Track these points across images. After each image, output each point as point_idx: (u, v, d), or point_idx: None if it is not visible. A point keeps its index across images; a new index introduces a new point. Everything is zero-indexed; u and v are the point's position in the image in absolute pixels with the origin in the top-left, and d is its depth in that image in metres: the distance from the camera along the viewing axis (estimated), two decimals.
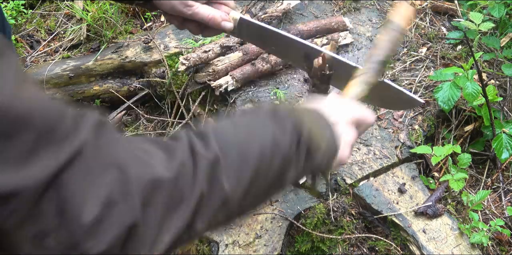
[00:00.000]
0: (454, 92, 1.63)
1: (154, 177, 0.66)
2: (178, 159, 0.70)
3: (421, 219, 1.50)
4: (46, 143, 0.58)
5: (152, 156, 0.69)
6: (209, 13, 1.18)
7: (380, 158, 1.61)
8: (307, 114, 0.91)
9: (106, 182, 0.61)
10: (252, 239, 1.46)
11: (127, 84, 2.04)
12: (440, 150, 1.54)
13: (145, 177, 0.65)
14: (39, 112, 0.58)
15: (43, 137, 0.58)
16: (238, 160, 0.77)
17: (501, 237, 1.51)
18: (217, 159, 0.73)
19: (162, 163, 0.68)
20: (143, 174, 0.65)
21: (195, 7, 1.16)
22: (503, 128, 1.67)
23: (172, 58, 1.92)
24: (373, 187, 1.55)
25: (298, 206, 1.51)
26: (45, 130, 0.58)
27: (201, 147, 0.73)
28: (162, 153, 0.70)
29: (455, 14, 2.04)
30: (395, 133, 1.68)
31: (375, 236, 1.51)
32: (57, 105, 0.62)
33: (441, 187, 1.59)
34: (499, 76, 1.83)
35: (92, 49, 2.15)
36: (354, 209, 1.55)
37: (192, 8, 1.16)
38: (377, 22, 1.97)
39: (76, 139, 0.60)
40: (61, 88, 2.05)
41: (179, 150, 0.72)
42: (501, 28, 1.93)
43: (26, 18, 2.32)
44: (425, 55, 1.89)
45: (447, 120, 1.79)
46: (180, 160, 0.70)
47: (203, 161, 0.72)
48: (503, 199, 1.66)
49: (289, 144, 0.83)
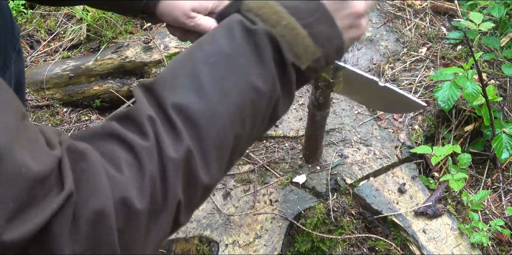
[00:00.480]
0: (454, 91, 1.63)
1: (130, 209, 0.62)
2: (148, 172, 0.64)
3: (421, 219, 1.50)
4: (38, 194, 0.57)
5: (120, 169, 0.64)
6: (211, 25, 1.18)
7: (380, 158, 1.61)
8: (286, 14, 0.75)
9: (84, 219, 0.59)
10: (252, 239, 1.46)
11: (127, 84, 2.04)
12: (440, 150, 1.54)
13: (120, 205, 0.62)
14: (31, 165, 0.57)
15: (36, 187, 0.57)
16: (214, 140, 0.69)
17: (501, 237, 1.51)
18: (190, 153, 0.67)
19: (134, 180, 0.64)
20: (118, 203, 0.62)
21: (197, 19, 1.17)
22: (503, 128, 1.67)
23: (172, 58, 1.92)
24: (373, 187, 1.55)
25: (298, 206, 1.52)
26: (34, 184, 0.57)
27: (171, 147, 0.66)
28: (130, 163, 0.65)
29: (455, 14, 2.04)
30: (395, 133, 1.68)
31: (375, 236, 1.51)
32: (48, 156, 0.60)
33: (441, 187, 1.59)
34: (499, 76, 1.83)
35: (92, 49, 2.15)
36: (354, 209, 1.55)
37: (194, 20, 1.17)
38: (377, 22, 1.97)
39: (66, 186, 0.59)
40: (61, 88, 2.05)
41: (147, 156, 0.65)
42: (501, 28, 1.93)
43: (26, 18, 2.32)
44: (425, 55, 1.89)
45: (447, 120, 1.80)
46: (150, 171, 0.64)
47: (172, 166, 0.66)
48: (503, 199, 1.66)
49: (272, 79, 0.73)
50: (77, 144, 0.64)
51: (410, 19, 2.00)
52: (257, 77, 0.72)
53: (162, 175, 0.65)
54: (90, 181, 0.61)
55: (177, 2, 1.15)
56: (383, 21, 1.98)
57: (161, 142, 0.66)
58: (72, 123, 1.99)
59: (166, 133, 0.67)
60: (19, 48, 1.24)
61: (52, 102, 2.03)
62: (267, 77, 0.72)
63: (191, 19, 1.16)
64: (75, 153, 0.63)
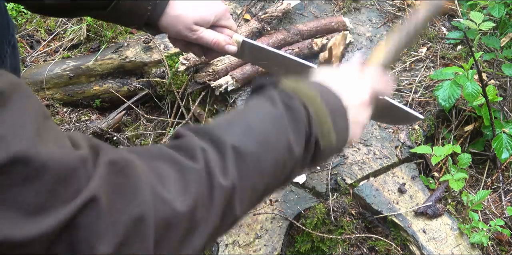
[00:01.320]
0: (454, 90, 1.63)
1: (170, 214, 0.65)
2: (194, 190, 0.69)
3: (421, 219, 1.50)
4: (60, 191, 0.59)
5: (167, 185, 0.67)
6: (213, 37, 1.23)
7: (380, 158, 1.61)
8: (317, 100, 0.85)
9: (121, 224, 0.61)
10: (252, 239, 1.46)
11: (127, 84, 2.04)
12: (440, 150, 1.54)
13: (161, 215, 0.64)
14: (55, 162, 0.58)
15: (58, 185, 0.58)
16: (254, 182, 0.77)
17: (501, 237, 1.51)
18: (234, 187, 0.72)
19: (178, 196, 0.67)
20: (159, 212, 0.64)
21: (200, 32, 1.20)
22: (503, 128, 1.67)
23: (172, 58, 1.92)
24: (373, 187, 1.55)
25: (298, 206, 1.51)
26: (60, 179, 0.59)
27: (219, 173, 0.71)
28: (177, 181, 0.68)
29: (455, 14, 2.04)
30: (395, 133, 1.68)
31: (375, 236, 1.51)
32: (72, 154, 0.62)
33: (441, 187, 1.59)
34: (499, 76, 1.83)
35: (92, 49, 2.15)
36: (354, 209, 1.55)
37: (196, 33, 1.20)
38: (377, 22, 1.97)
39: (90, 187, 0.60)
40: (61, 88, 2.05)
41: (195, 177, 0.70)
42: (501, 28, 1.93)
43: (26, 18, 2.32)
44: (425, 55, 1.89)
45: (447, 120, 1.79)
46: (196, 191, 0.69)
47: (220, 192, 0.71)
48: (503, 199, 1.66)
49: (302, 147, 0.82)
50: (124, 153, 0.67)
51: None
52: (293, 141, 0.80)
53: (209, 197, 0.69)
54: (131, 188, 0.63)
55: (179, 16, 1.18)
56: (383, 21, 1.98)
57: (211, 167, 0.70)
58: (72, 123, 1.99)
59: (217, 162, 0.72)
60: (14, 43, 1.25)
61: (52, 102, 2.03)
62: (299, 144, 0.81)
63: (193, 32, 1.20)
64: (119, 161, 0.65)
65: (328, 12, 1.98)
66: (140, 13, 1.15)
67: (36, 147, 0.57)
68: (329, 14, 1.97)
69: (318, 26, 1.82)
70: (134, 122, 2.03)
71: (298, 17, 1.95)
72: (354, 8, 2.00)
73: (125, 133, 1.94)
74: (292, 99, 0.81)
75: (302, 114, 0.81)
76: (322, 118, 0.83)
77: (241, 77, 1.68)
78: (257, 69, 1.70)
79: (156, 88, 1.97)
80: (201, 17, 1.20)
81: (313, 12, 1.98)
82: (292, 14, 1.94)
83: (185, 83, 1.81)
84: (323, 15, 1.96)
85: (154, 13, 1.16)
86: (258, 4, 1.97)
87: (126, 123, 2.02)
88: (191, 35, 1.20)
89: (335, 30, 1.84)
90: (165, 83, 1.91)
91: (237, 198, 0.73)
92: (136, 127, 1.98)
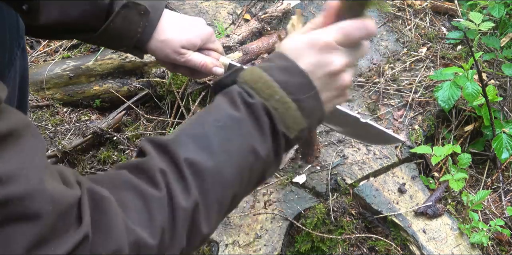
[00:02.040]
0: (454, 91, 1.63)
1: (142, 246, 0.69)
2: (159, 218, 0.71)
3: (421, 219, 1.50)
4: (60, 226, 0.63)
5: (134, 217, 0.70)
6: (201, 60, 1.26)
7: (380, 158, 1.61)
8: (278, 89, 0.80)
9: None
10: (252, 239, 1.46)
11: (127, 84, 2.04)
12: (440, 150, 1.54)
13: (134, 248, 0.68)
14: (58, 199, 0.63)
15: (59, 220, 0.63)
16: (218, 196, 0.77)
17: (501, 237, 1.51)
18: (197, 206, 0.74)
19: (145, 228, 0.70)
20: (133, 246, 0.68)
21: (188, 55, 1.24)
22: (503, 128, 1.67)
23: None
24: (373, 187, 1.55)
25: (298, 206, 1.51)
26: (61, 214, 0.63)
27: (180, 194, 0.73)
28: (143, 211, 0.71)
29: (455, 14, 2.04)
30: (395, 133, 1.68)
31: (375, 236, 1.51)
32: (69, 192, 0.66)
33: (441, 187, 1.59)
34: (499, 76, 1.83)
35: (92, 49, 2.15)
36: (354, 209, 1.55)
37: (185, 56, 1.23)
38: (377, 22, 1.97)
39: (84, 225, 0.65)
40: (61, 88, 2.05)
41: (158, 204, 0.72)
42: (501, 28, 1.93)
43: None
44: (425, 55, 1.89)
45: (447, 120, 1.80)
46: (161, 219, 0.71)
47: (182, 214, 0.72)
48: (503, 199, 1.66)
49: (269, 148, 0.81)
50: (96, 188, 0.70)
51: (410, 19, 2.00)
52: (257, 143, 0.79)
53: (171, 222, 0.72)
54: (108, 223, 0.67)
55: (167, 40, 1.20)
56: (383, 21, 1.98)
57: (172, 191, 0.72)
58: (72, 124, 1.99)
59: (177, 184, 0.73)
60: (24, 46, 1.26)
61: (52, 102, 2.03)
62: (264, 145, 0.80)
63: (181, 56, 1.23)
64: (95, 197, 0.69)
65: None
66: (130, 36, 1.18)
67: (43, 184, 0.62)
68: None
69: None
70: (134, 122, 2.03)
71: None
72: None
73: (125, 133, 1.94)
74: (252, 98, 0.80)
75: (263, 113, 0.79)
76: (285, 111, 0.80)
77: None
78: None
79: (156, 88, 1.97)
80: (188, 41, 1.23)
81: (313, 12, 1.98)
82: (292, 14, 1.94)
83: (185, 83, 1.81)
84: None
85: (143, 36, 1.19)
86: (258, 4, 1.97)
87: (126, 123, 2.02)
88: (179, 58, 1.23)
89: None
90: (165, 83, 1.91)
91: (202, 217, 0.75)
92: (136, 127, 1.98)
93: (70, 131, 1.94)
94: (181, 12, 1.94)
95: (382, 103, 1.74)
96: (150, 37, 1.19)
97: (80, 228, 0.64)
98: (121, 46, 1.23)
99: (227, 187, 0.77)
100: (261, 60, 1.74)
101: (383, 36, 1.93)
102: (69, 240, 0.63)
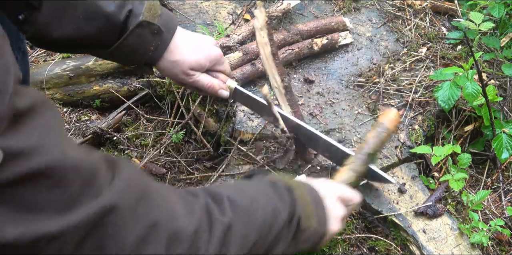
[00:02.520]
0: (454, 91, 1.63)
1: (178, 228, 0.76)
2: (197, 215, 0.80)
3: (421, 219, 1.50)
4: (86, 190, 0.68)
5: (176, 207, 0.79)
6: (208, 82, 1.31)
7: (380, 158, 1.61)
8: (301, 188, 1.01)
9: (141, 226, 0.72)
10: None
11: (127, 84, 2.04)
12: (440, 150, 1.54)
13: (171, 227, 0.76)
14: (82, 166, 0.68)
15: (84, 185, 0.68)
16: (246, 228, 0.86)
17: (501, 237, 1.51)
18: (231, 224, 0.82)
19: (185, 217, 0.78)
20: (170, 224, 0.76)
21: (196, 76, 1.28)
22: (503, 128, 1.67)
23: None
24: (373, 187, 1.55)
25: None
26: (86, 181, 0.68)
27: (217, 211, 0.83)
28: (184, 206, 0.80)
29: (455, 14, 2.04)
30: (395, 133, 1.68)
31: (375, 236, 1.51)
32: (93, 158, 0.72)
33: (441, 187, 1.59)
34: (499, 76, 1.83)
35: None
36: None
37: (193, 77, 1.28)
38: (377, 22, 1.97)
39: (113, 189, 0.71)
40: (61, 88, 2.06)
41: (197, 206, 0.81)
42: (501, 28, 1.93)
43: None
44: (425, 55, 1.89)
45: (447, 120, 1.80)
46: (199, 216, 0.80)
47: (219, 225, 0.81)
48: (503, 199, 1.66)
49: (286, 215, 0.93)
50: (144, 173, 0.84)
51: (410, 19, 2.00)
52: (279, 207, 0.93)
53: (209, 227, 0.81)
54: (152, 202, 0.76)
55: (177, 61, 1.24)
56: (383, 21, 1.98)
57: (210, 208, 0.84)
58: (72, 123, 1.99)
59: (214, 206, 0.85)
60: (24, 49, 1.27)
61: (52, 103, 2.03)
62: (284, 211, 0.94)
63: (190, 77, 1.27)
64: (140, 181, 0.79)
65: (328, 12, 1.99)
66: (142, 54, 1.20)
67: (65, 153, 0.66)
68: (329, 14, 1.97)
69: (318, 26, 1.82)
70: (134, 122, 2.03)
71: (298, 17, 1.95)
72: (354, 8, 2.00)
73: (125, 133, 1.94)
74: (278, 182, 0.98)
75: (286, 194, 0.96)
76: (306, 201, 0.98)
77: (240, 77, 1.68)
78: (256, 69, 1.70)
79: (156, 88, 1.98)
80: (197, 62, 1.26)
81: (313, 12, 1.98)
82: (292, 14, 1.95)
83: None
84: (323, 15, 1.96)
85: (154, 55, 1.22)
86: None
87: (126, 123, 2.02)
88: (187, 79, 1.27)
89: (335, 30, 1.84)
90: (165, 83, 1.91)
91: (233, 236, 0.82)
92: (136, 127, 1.98)
93: (70, 131, 1.94)
94: (181, 12, 1.95)
95: (382, 103, 1.74)
96: (161, 56, 1.22)
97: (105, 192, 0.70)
98: (132, 63, 1.24)
99: (252, 228, 0.87)
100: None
101: (383, 36, 1.93)
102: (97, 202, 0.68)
